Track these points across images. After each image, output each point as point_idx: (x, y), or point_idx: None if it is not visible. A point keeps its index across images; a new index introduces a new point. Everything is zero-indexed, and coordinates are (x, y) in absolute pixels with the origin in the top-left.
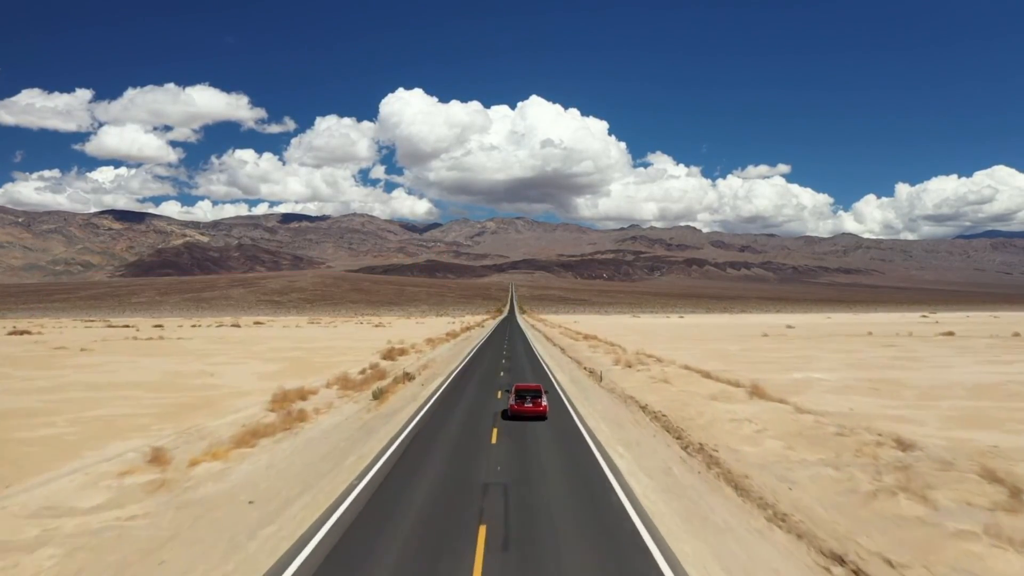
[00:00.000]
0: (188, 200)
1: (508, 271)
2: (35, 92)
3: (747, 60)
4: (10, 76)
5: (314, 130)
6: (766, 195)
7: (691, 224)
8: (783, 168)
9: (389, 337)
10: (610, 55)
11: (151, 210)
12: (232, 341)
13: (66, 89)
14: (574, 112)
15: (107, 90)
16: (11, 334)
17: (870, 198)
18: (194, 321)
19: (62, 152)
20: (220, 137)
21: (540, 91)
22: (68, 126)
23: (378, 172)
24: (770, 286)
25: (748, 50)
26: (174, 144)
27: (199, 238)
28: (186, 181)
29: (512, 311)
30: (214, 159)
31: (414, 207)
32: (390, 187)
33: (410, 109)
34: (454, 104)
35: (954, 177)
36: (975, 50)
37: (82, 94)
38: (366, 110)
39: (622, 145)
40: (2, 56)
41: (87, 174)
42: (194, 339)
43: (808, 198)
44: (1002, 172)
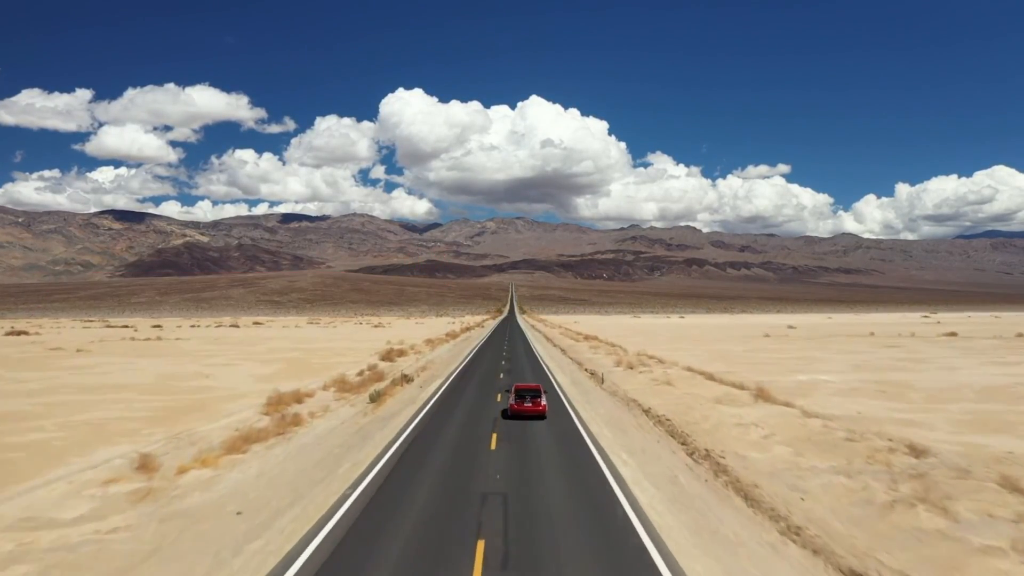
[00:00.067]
0: (188, 200)
1: (508, 271)
2: (35, 92)
3: (747, 60)
4: (10, 76)
5: (314, 130)
6: (766, 195)
7: (691, 224)
8: (783, 168)
9: (388, 338)
10: (610, 55)
11: (151, 210)
12: (230, 342)
13: (66, 89)
14: (574, 112)
15: (107, 90)
16: (8, 335)
17: (870, 198)
18: (193, 321)
19: (62, 152)
20: (220, 137)
21: (540, 91)
22: (68, 126)
23: (378, 172)
24: (770, 286)
25: (748, 50)
26: (174, 144)
27: (199, 238)
28: (186, 181)
29: (512, 311)
30: (214, 159)
31: (414, 207)
32: (390, 187)
33: (410, 109)
34: (454, 104)
35: (954, 177)
36: (975, 50)
37: (82, 94)
38: (366, 110)
39: (622, 145)
40: (2, 56)
41: (87, 174)
42: (192, 340)
43: (808, 198)
44: (1002, 172)
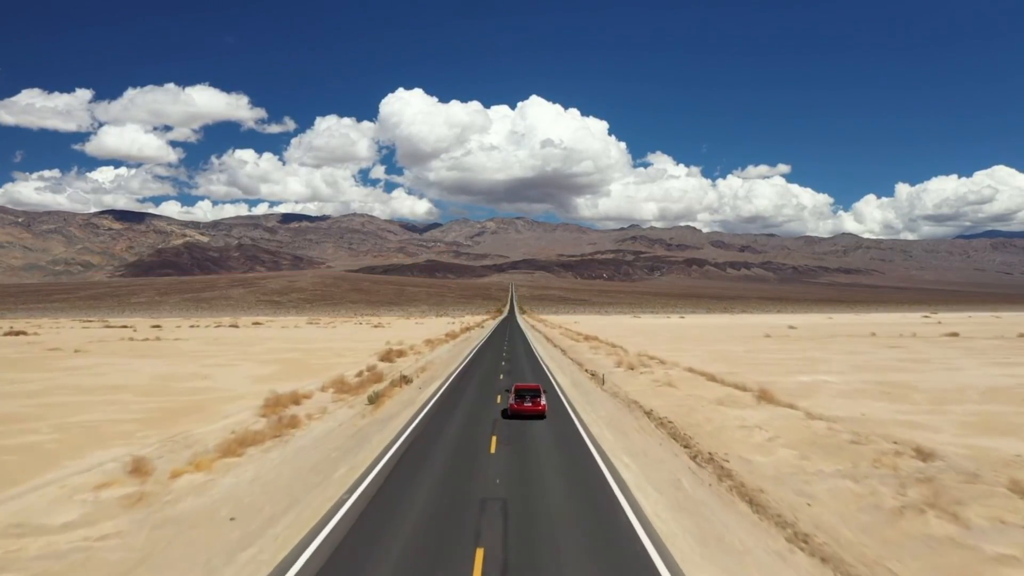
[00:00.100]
0: (188, 200)
1: (508, 271)
2: (35, 92)
3: (747, 60)
4: (10, 76)
5: (314, 130)
6: (766, 195)
7: (691, 224)
8: (783, 168)
9: (388, 338)
10: (610, 55)
11: (151, 210)
12: (229, 342)
13: (66, 89)
14: (574, 112)
15: (107, 90)
16: (7, 335)
17: (870, 198)
18: (193, 321)
19: (62, 152)
20: (220, 137)
21: (540, 91)
22: (68, 126)
23: (378, 172)
24: (770, 286)
25: (748, 50)
26: (174, 144)
27: (199, 238)
28: (186, 181)
29: (512, 311)
30: (214, 159)
31: (414, 207)
32: (390, 187)
33: (410, 109)
34: (454, 104)
35: (954, 177)
36: (975, 50)
37: (82, 94)
38: (366, 110)
39: (622, 145)
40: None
41: (87, 174)
42: (190, 340)
43: (808, 198)
44: (1002, 172)
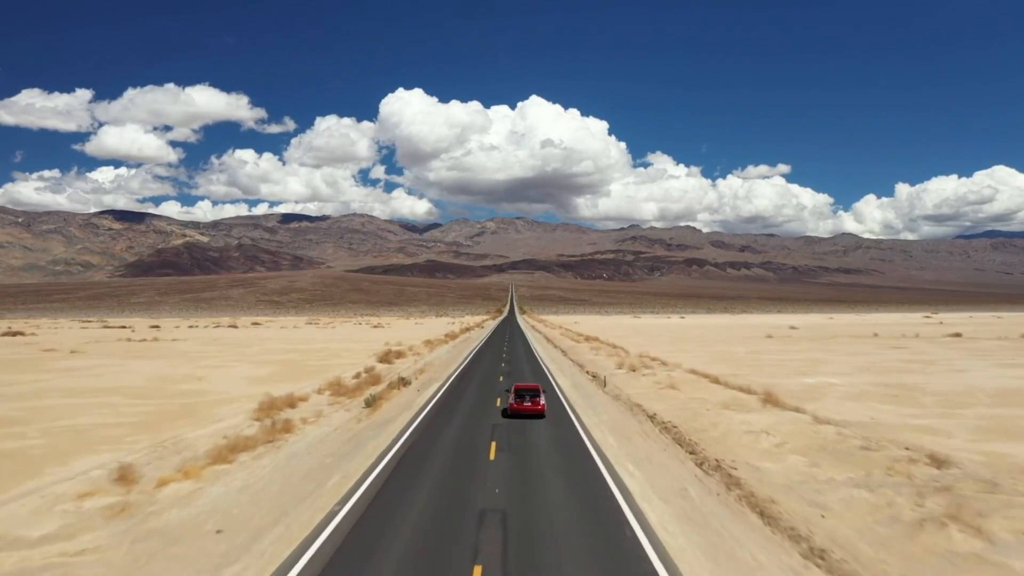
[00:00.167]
0: (188, 200)
1: (508, 271)
2: (35, 92)
3: (747, 60)
4: (10, 76)
5: (314, 130)
6: (766, 195)
7: (691, 224)
8: (783, 168)
9: (387, 338)
10: (610, 55)
11: (151, 210)
12: (227, 343)
13: (66, 89)
14: (574, 112)
15: (107, 90)
16: (4, 335)
17: (870, 198)
18: (192, 322)
19: (62, 152)
20: (220, 137)
21: (540, 91)
22: (68, 126)
23: (378, 172)
24: (770, 286)
25: (748, 50)
26: (174, 144)
27: (199, 238)
28: (186, 181)
29: (512, 311)
30: (214, 159)
31: (414, 207)
32: (390, 187)
33: (410, 109)
34: (454, 104)
35: (954, 177)
36: (975, 50)
37: (82, 94)
38: (366, 110)
39: (622, 145)
40: (2, 56)
41: (87, 174)
42: (188, 340)
43: (808, 198)
44: (1002, 172)
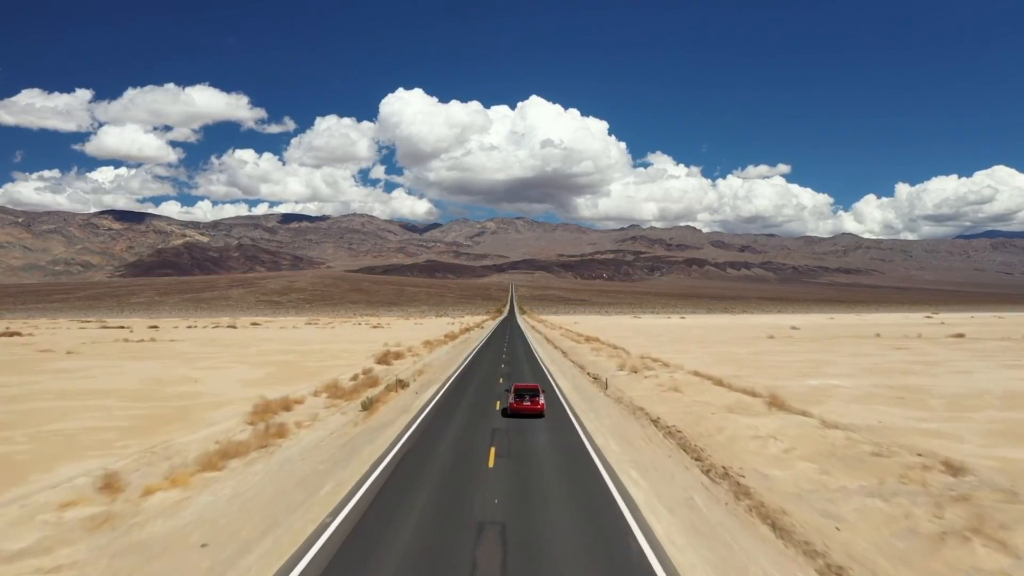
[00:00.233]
0: (188, 200)
1: (508, 271)
2: (35, 92)
3: (747, 60)
4: (10, 76)
5: (314, 130)
6: (766, 195)
7: (691, 224)
8: (783, 168)
9: (386, 339)
10: (610, 55)
11: (151, 210)
12: (225, 343)
13: (66, 89)
14: (574, 112)
15: (107, 90)
16: (1, 336)
17: (870, 198)
18: (191, 322)
19: (62, 152)
20: (220, 137)
21: (540, 91)
22: (68, 126)
23: (378, 172)
24: (770, 286)
25: (748, 50)
26: (174, 144)
27: (199, 238)
28: (186, 181)
29: (512, 311)
30: (214, 159)
31: (414, 207)
32: (390, 187)
33: (410, 109)
34: (454, 104)
35: (954, 177)
36: (975, 50)
37: (82, 94)
38: (366, 110)
39: (622, 145)
40: (2, 56)
41: (87, 174)
42: (186, 341)
43: (808, 198)
44: (1002, 172)
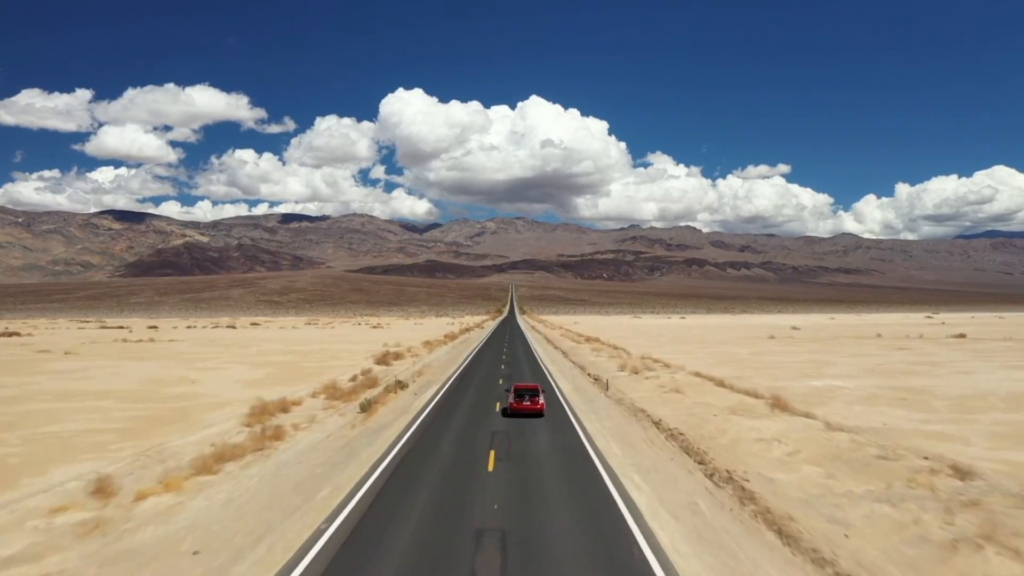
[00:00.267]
0: (188, 200)
1: (508, 271)
2: (35, 92)
3: (747, 60)
4: (10, 76)
5: (314, 130)
6: (766, 195)
7: (691, 224)
8: (783, 168)
9: (386, 339)
10: (610, 55)
11: (151, 210)
12: (224, 343)
13: (66, 89)
14: (574, 112)
15: (107, 90)
16: (0, 336)
17: (870, 198)
18: (190, 322)
19: (62, 152)
20: (220, 137)
21: (540, 91)
22: (68, 126)
23: (378, 172)
24: (770, 286)
25: (748, 50)
26: (174, 144)
27: (199, 238)
28: (186, 181)
29: (512, 312)
30: (214, 159)
31: (414, 207)
32: (390, 187)
33: (410, 109)
34: (454, 104)
35: (954, 177)
36: (975, 50)
37: (82, 94)
38: (366, 110)
39: (622, 145)
40: (2, 56)
41: (87, 174)
42: (185, 341)
43: (808, 198)
44: (1002, 172)
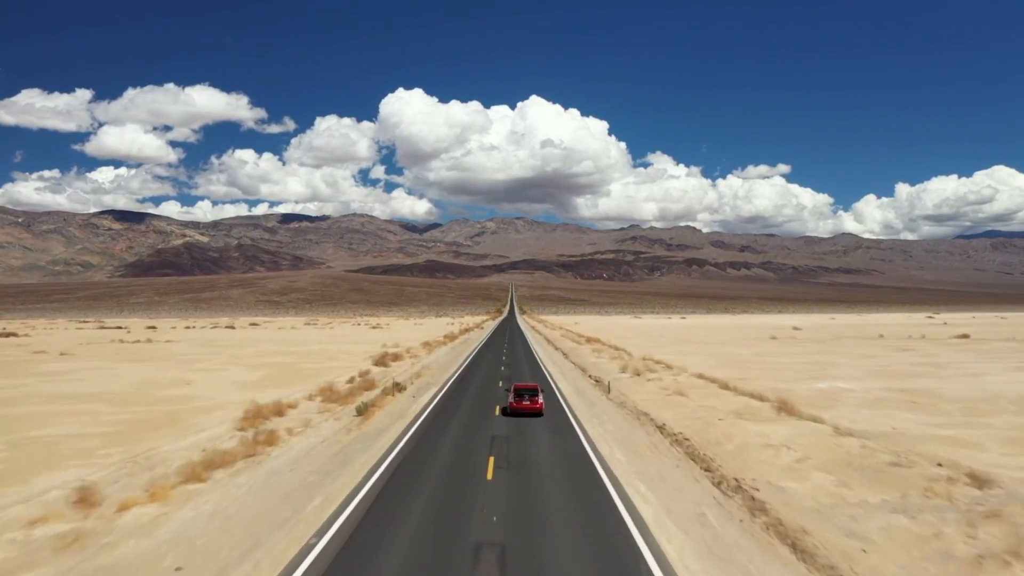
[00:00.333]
0: (188, 200)
1: (508, 271)
2: (35, 92)
3: (747, 60)
4: (10, 76)
5: (314, 130)
6: (766, 195)
7: (691, 224)
8: (783, 168)
9: (385, 340)
10: (610, 55)
11: (151, 210)
12: (222, 344)
13: (66, 89)
14: (574, 112)
15: (107, 90)
16: None
17: (870, 198)
18: (190, 322)
19: (62, 152)
20: (220, 137)
21: (540, 91)
22: (68, 126)
23: (378, 172)
24: (770, 286)
25: (748, 50)
26: (174, 144)
27: (199, 238)
28: (186, 181)
29: (512, 312)
30: (214, 159)
31: (414, 207)
32: (390, 187)
33: (410, 109)
34: (454, 104)
35: (954, 177)
36: (975, 50)
37: (82, 94)
38: (366, 110)
39: (622, 145)
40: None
41: (87, 174)
42: (183, 342)
43: (808, 198)
44: (1002, 172)
